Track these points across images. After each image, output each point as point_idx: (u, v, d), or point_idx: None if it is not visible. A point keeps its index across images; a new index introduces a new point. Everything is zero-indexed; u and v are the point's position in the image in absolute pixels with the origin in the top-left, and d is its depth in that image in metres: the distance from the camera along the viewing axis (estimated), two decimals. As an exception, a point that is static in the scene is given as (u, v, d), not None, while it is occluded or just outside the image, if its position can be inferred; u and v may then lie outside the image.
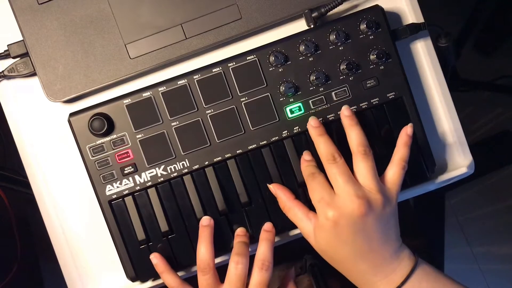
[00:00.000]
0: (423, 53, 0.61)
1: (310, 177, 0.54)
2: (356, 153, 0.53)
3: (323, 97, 0.57)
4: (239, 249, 0.55)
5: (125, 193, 0.57)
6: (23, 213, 1.23)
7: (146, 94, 0.57)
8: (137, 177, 0.57)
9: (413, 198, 1.06)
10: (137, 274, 0.58)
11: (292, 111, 0.57)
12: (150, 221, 0.58)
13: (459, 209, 1.47)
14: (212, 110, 0.57)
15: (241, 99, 0.57)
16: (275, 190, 0.57)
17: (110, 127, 0.56)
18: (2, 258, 1.11)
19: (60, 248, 0.61)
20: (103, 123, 0.55)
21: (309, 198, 0.56)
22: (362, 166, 0.52)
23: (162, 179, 0.57)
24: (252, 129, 0.57)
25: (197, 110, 0.57)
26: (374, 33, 0.57)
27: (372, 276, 0.52)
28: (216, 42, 0.58)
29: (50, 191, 0.60)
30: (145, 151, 0.57)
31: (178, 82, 0.57)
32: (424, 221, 1.31)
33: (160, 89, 0.57)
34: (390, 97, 0.58)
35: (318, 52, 0.57)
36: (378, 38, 0.57)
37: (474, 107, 1.46)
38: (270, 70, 0.57)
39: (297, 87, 0.57)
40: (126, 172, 0.57)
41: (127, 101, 0.57)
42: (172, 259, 0.58)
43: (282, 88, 0.57)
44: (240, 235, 0.57)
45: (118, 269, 0.59)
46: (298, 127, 0.57)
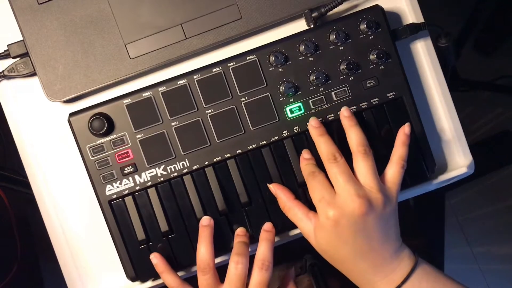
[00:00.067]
0: (423, 53, 0.61)
1: (310, 176, 0.54)
2: (356, 153, 0.53)
3: (323, 97, 0.57)
4: (239, 249, 0.55)
5: (125, 193, 0.57)
6: (23, 213, 1.23)
7: (146, 94, 0.57)
8: (137, 177, 0.57)
9: (413, 198, 1.05)
10: (137, 274, 0.58)
11: (292, 111, 0.57)
12: (150, 221, 0.57)
13: (459, 209, 1.47)
14: (212, 110, 0.57)
15: (241, 99, 0.57)
16: (275, 190, 0.57)
17: (110, 127, 0.56)
18: (2, 258, 1.11)
19: (60, 248, 0.61)
20: (103, 123, 0.55)
21: (309, 198, 0.56)
22: (363, 166, 0.52)
23: (162, 179, 0.57)
24: (252, 129, 0.57)
25: (197, 110, 0.57)
26: (374, 33, 0.57)
27: (372, 275, 0.52)
28: (216, 42, 0.58)
29: (50, 191, 0.60)
30: (145, 151, 0.57)
31: (178, 82, 0.57)
32: (424, 221, 1.31)
33: (160, 89, 0.57)
34: (390, 97, 0.58)
35: (318, 52, 0.57)
36: (378, 38, 0.57)
37: (474, 107, 1.46)
38: (270, 70, 0.57)
39: (297, 87, 0.57)
40: (126, 172, 0.57)
41: (127, 101, 0.57)
42: (172, 259, 0.58)
43: (282, 88, 0.57)
44: (240, 235, 0.57)
45: (118, 269, 0.59)
46: (298, 127, 0.57)
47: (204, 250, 0.55)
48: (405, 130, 0.55)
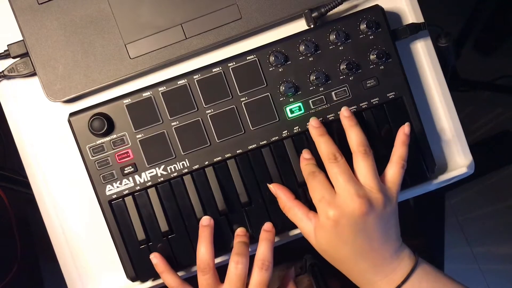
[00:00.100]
0: (423, 53, 0.61)
1: (311, 175, 0.54)
2: (356, 152, 0.53)
3: (323, 97, 0.57)
4: (239, 249, 0.55)
5: (125, 193, 0.57)
6: (23, 213, 1.23)
7: (146, 94, 0.57)
8: (137, 177, 0.57)
9: (413, 198, 1.05)
10: (137, 274, 0.58)
11: (292, 111, 0.57)
12: (150, 221, 0.57)
13: (459, 209, 1.47)
14: (212, 110, 0.57)
15: (241, 99, 0.57)
16: (275, 190, 0.57)
17: (110, 127, 0.56)
18: (2, 258, 1.11)
19: (60, 248, 0.61)
20: (103, 123, 0.55)
21: (309, 198, 0.56)
22: (363, 166, 0.52)
23: (162, 179, 0.57)
24: (252, 129, 0.57)
25: (197, 110, 0.57)
26: (374, 33, 0.57)
27: (372, 275, 0.52)
28: (216, 42, 0.58)
29: (50, 191, 0.60)
30: (145, 151, 0.57)
31: (178, 82, 0.57)
32: (424, 221, 1.31)
33: (160, 89, 0.57)
34: (390, 97, 0.58)
35: (318, 52, 0.57)
36: (378, 38, 0.57)
37: (474, 107, 1.46)
38: (270, 70, 0.57)
39: (297, 87, 0.57)
40: (126, 172, 0.57)
41: (127, 101, 0.57)
42: (172, 259, 0.58)
43: (282, 88, 0.57)
44: (240, 235, 0.57)
45: (118, 269, 0.59)
46: (298, 127, 0.57)
47: (204, 250, 0.55)
48: (404, 130, 0.55)
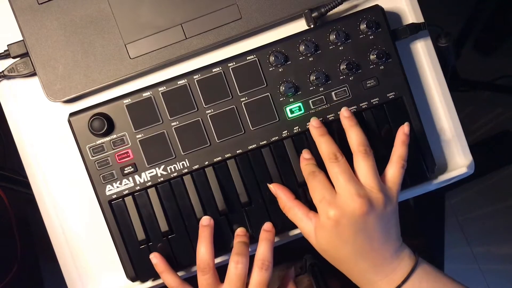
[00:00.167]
0: (423, 53, 0.61)
1: (311, 175, 0.54)
2: (356, 152, 0.53)
3: (323, 97, 0.57)
4: (239, 249, 0.55)
5: (125, 193, 0.57)
6: (23, 213, 1.23)
7: (146, 94, 0.57)
8: (137, 177, 0.57)
9: (413, 198, 1.05)
10: (137, 274, 0.58)
11: (292, 111, 0.57)
12: (150, 221, 0.57)
13: (459, 209, 1.47)
14: (212, 110, 0.57)
15: (241, 99, 0.57)
16: (275, 190, 0.57)
17: (110, 127, 0.56)
18: (2, 258, 1.11)
19: (60, 248, 0.61)
20: (103, 123, 0.55)
21: (309, 198, 0.56)
22: (363, 166, 0.52)
23: (162, 179, 0.57)
24: (252, 129, 0.57)
25: (197, 110, 0.57)
26: (374, 33, 0.57)
27: (372, 275, 0.52)
28: (216, 42, 0.58)
29: (50, 191, 0.60)
30: (145, 151, 0.57)
31: (178, 82, 0.57)
32: (424, 221, 1.31)
33: (160, 89, 0.57)
34: (390, 97, 0.58)
35: (318, 52, 0.57)
36: (378, 38, 0.57)
37: (474, 107, 1.46)
38: (270, 70, 0.57)
39: (297, 87, 0.57)
40: (126, 172, 0.57)
41: (127, 101, 0.57)
42: (172, 259, 0.58)
43: (282, 88, 0.57)
44: (240, 235, 0.57)
45: (118, 269, 0.59)
46: (298, 127, 0.57)
47: (204, 250, 0.55)
48: (404, 130, 0.55)
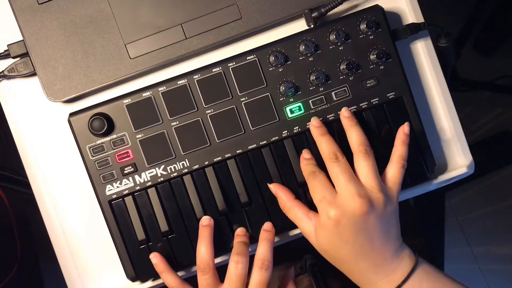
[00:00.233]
0: (423, 53, 0.61)
1: (311, 175, 0.54)
2: (357, 152, 0.53)
3: (323, 97, 0.57)
4: (239, 249, 0.55)
5: (125, 193, 0.57)
6: (23, 213, 1.23)
7: (146, 94, 0.57)
8: (137, 177, 0.57)
9: (413, 198, 1.05)
10: (137, 274, 0.58)
11: (292, 111, 0.57)
12: (150, 221, 0.57)
13: (459, 209, 1.47)
14: (212, 110, 0.57)
15: (241, 99, 0.57)
16: (275, 190, 0.57)
17: (110, 127, 0.56)
18: (2, 258, 1.11)
19: (60, 248, 0.61)
20: (103, 123, 0.55)
21: (309, 198, 0.56)
22: (364, 165, 0.52)
23: (162, 179, 0.57)
24: (252, 129, 0.57)
25: (197, 110, 0.57)
26: (374, 33, 0.57)
27: (373, 275, 0.52)
28: (216, 42, 0.58)
29: (50, 191, 0.60)
30: (145, 151, 0.57)
31: (178, 82, 0.57)
32: (424, 221, 1.31)
33: (160, 89, 0.57)
34: (390, 97, 0.58)
35: (318, 52, 0.57)
36: (378, 38, 0.57)
37: (474, 107, 1.46)
38: (270, 70, 0.57)
39: (297, 87, 0.57)
40: (126, 172, 0.57)
41: (127, 101, 0.57)
42: (172, 259, 0.58)
43: (282, 88, 0.57)
44: (240, 235, 0.57)
45: (118, 269, 0.59)
46: (298, 127, 0.57)
47: (204, 250, 0.55)
48: (404, 130, 0.55)
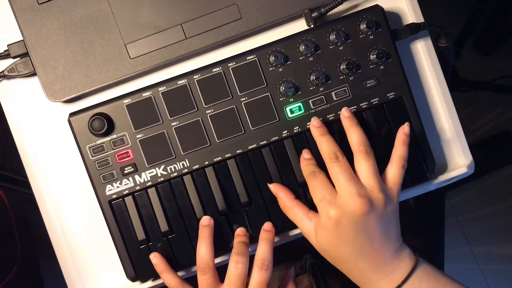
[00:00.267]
0: (423, 53, 0.61)
1: (311, 176, 0.54)
2: (357, 152, 0.53)
3: (323, 97, 0.57)
4: (239, 249, 0.55)
5: (125, 193, 0.57)
6: (23, 213, 1.23)
7: (146, 94, 0.57)
8: (137, 177, 0.57)
9: (413, 198, 1.05)
10: (137, 274, 0.58)
11: (292, 111, 0.57)
12: (150, 221, 0.57)
13: (459, 209, 1.47)
14: (212, 110, 0.57)
15: (241, 99, 0.57)
16: (275, 189, 0.57)
17: (110, 127, 0.56)
18: (2, 258, 1.11)
19: (60, 248, 0.61)
20: (103, 123, 0.55)
21: (309, 198, 0.56)
22: (364, 165, 0.52)
23: (162, 179, 0.57)
24: (252, 129, 0.57)
25: (197, 110, 0.57)
26: (374, 33, 0.57)
27: (373, 275, 0.52)
28: (216, 42, 0.58)
29: (50, 191, 0.60)
30: (145, 151, 0.57)
31: (178, 82, 0.57)
32: (424, 221, 1.31)
33: (160, 89, 0.57)
34: (390, 97, 0.58)
35: (318, 52, 0.57)
36: (378, 38, 0.57)
37: (474, 107, 1.46)
38: (270, 70, 0.57)
39: (297, 87, 0.57)
40: (126, 172, 0.57)
41: (127, 101, 0.57)
42: (172, 259, 0.58)
43: (282, 88, 0.57)
44: (240, 235, 0.57)
45: (118, 269, 0.59)
46: (298, 127, 0.57)
47: (204, 250, 0.55)
48: (404, 130, 0.55)
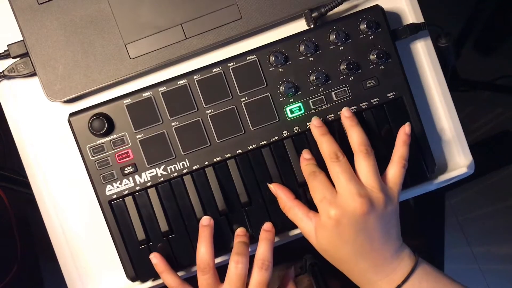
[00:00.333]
0: (423, 53, 0.61)
1: (311, 176, 0.54)
2: (358, 152, 0.53)
3: (323, 97, 0.57)
4: (239, 249, 0.55)
5: (125, 193, 0.57)
6: (23, 213, 1.23)
7: (146, 94, 0.57)
8: (137, 177, 0.57)
9: (413, 198, 1.06)
10: (137, 274, 0.58)
11: (292, 111, 0.57)
12: (150, 221, 0.58)
13: (459, 209, 1.47)
14: (212, 110, 0.57)
15: (241, 99, 0.57)
16: (276, 189, 0.57)
17: (110, 127, 0.56)
18: (2, 258, 1.11)
19: (60, 248, 0.61)
20: (103, 123, 0.55)
21: (309, 198, 0.56)
22: (364, 165, 0.52)
23: (162, 179, 0.57)
24: (252, 129, 0.57)
25: (197, 110, 0.57)
26: (374, 33, 0.57)
27: (373, 275, 0.52)
28: (216, 42, 0.58)
29: (50, 191, 0.60)
30: (145, 151, 0.57)
31: (178, 82, 0.57)
32: (424, 221, 1.31)
33: (160, 89, 0.57)
34: (390, 97, 0.58)
35: (318, 52, 0.57)
36: (378, 38, 0.57)
37: (474, 107, 1.46)
38: (270, 70, 0.57)
39: (297, 87, 0.57)
40: (126, 172, 0.57)
41: (127, 101, 0.57)
42: (172, 259, 0.58)
43: (282, 88, 0.57)
44: (240, 235, 0.57)
45: (118, 269, 0.59)
46: (298, 127, 0.57)
47: (204, 250, 0.55)
48: (405, 130, 0.55)
